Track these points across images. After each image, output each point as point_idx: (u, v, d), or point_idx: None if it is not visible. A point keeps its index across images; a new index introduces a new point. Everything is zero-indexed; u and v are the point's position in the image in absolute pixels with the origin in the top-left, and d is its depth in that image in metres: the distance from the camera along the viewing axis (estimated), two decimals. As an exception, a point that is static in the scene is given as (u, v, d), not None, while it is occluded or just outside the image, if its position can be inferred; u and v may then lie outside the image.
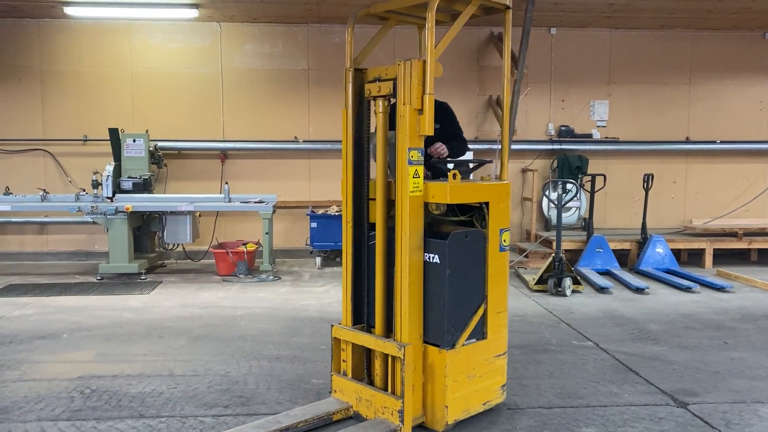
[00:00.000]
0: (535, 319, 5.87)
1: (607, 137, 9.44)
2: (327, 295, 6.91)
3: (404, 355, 3.28)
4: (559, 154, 9.22)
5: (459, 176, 3.33)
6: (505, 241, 3.49)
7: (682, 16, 8.59)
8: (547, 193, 9.06)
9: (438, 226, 3.63)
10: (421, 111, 3.24)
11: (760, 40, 9.55)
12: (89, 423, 3.56)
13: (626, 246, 8.54)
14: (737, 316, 6.01)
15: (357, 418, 3.59)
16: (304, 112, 9.15)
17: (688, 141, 9.57)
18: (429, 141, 3.90)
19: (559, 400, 3.92)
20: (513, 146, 8.59)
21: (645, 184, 8.42)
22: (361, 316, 3.72)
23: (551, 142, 9.29)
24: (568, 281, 6.80)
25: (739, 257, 9.26)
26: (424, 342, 3.41)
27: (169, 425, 3.54)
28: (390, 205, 3.49)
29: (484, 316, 3.43)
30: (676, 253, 8.54)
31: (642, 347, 5.02)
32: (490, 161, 3.86)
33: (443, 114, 4.24)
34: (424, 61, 3.22)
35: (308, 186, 9.23)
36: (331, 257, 8.92)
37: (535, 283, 7.06)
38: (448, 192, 3.30)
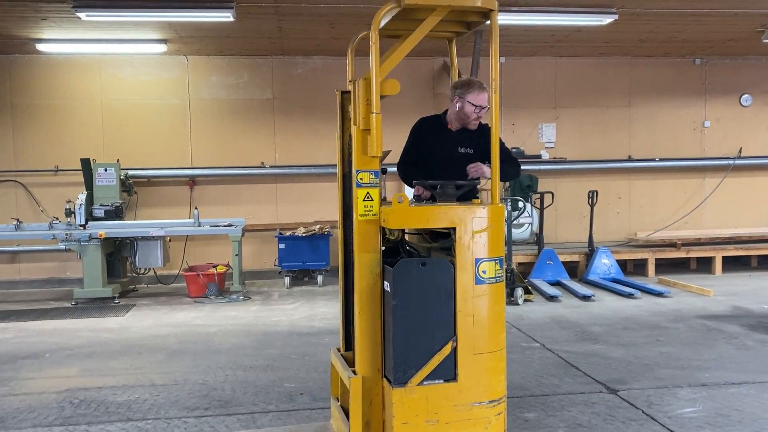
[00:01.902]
0: (489, 326, 6.35)
1: (555, 157, 10.11)
2: (297, 311, 7.30)
3: (349, 386, 3.14)
4: (512, 174, 9.80)
5: (407, 199, 3.08)
6: (485, 272, 3.07)
7: (618, 45, 9.35)
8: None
9: (428, 254, 3.52)
10: (369, 131, 3.10)
11: (692, 66, 10.38)
12: (81, 427, 3.91)
13: (575, 258, 9.15)
14: (671, 318, 6.61)
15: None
16: (270, 139, 9.60)
17: (630, 159, 10.29)
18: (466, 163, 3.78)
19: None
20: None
21: (590, 200, 9.06)
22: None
23: (504, 163, 9.86)
24: (519, 291, 7.33)
25: (681, 266, 9.96)
26: (384, 376, 3.18)
27: (156, 426, 3.91)
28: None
29: (452, 356, 3.05)
30: (623, 263, 9.18)
31: (583, 346, 5.56)
32: (478, 182, 3.64)
33: (484, 138, 3.73)
34: (367, 80, 3.09)
35: (275, 209, 9.64)
36: (300, 277, 9.32)
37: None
38: (389, 216, 3.05)
